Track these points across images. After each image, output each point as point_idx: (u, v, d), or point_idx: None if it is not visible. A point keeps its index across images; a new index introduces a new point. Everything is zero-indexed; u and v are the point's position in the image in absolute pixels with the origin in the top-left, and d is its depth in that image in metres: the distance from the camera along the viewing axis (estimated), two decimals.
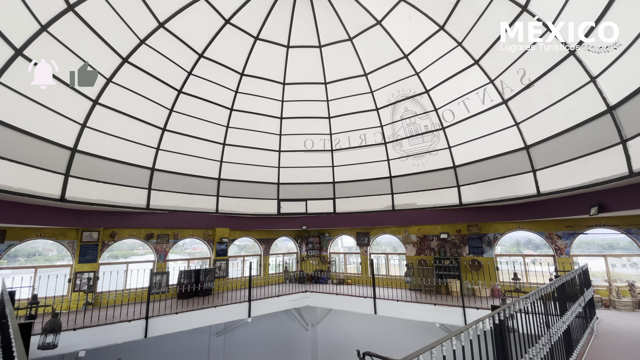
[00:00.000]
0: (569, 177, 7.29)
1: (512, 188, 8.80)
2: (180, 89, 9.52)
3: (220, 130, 10.86)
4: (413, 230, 12.85)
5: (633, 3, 5.02)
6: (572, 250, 10.00)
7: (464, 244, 11.73)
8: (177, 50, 8.80)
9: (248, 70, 10.31)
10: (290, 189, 12.24)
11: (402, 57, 9.75)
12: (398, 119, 10.92)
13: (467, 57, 8.67)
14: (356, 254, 14.42)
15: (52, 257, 10.29)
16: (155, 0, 7.59)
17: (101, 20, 7.04)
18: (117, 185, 8.77)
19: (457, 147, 9.99)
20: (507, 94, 8.31)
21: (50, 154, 7.31)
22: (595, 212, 7.40)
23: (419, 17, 8.60)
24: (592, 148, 6.64)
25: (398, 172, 11.33)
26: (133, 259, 11.62)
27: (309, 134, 11.92)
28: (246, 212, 11.69)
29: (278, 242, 15.36)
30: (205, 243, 12.60)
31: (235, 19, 8.93)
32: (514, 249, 11.73)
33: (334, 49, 10.16)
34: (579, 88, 6.57)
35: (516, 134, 8.46)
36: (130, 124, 8.79)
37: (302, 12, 9.22)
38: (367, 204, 11.80)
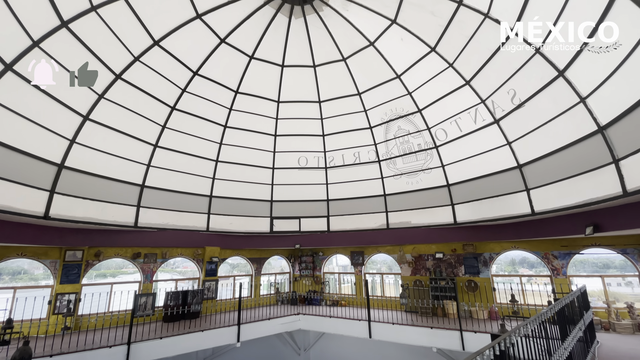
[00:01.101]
0: (563, 197, 7.26)
1: (506, 207, 8.75)
2: (174, 106, 9.48)
3: (213, 147, 10.77)
4: (408, 249, 12.65)
5: (622, 26, 5.14)
6: (568, 270, 9.87)
7: (460, 264, 11.54)
8: (172, 68, 8.82)
9: (243, 88, 10.35)
10: (284, 206, 12.06)
11: (395, 77, 9.89)
12: (391, 138, 10.96)
13: (459, 78, 8.82)
14: (350, 274, 14.09)
15: (38, 275, 9.87)
16: (151, 19, 7.66)
17: (95, 37, 7.04)
18: (104, 202, 8.53)
19: (451, 166, 10.00)
20: (499, 113, 8.41)
21: (36, 170, 7.10)
22: (590, 231, 7.34)
23: (411, 39, 8.79)
24: (585, 167, 6.65)
25: (392, 190, 11.26)
26: (121, 278, 11.19)
27: (303, 152, 11.88)
28: (238, 230, 11.42)
29: (271, 260, 14.99)
30: (194, 262, 12.21)
31: (231, 38, 9.03)
32: (510, 268, 11.56)
33: (328, 69, 10.29)
34: (569, 108, 6.66)
35: (509, 153, 8.49)
36: (121, 140, 8.66)
37: (296, 33, 9.38)
38: (362, 222, 11.64)
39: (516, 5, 6.48)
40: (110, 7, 6.88)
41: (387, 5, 8.22)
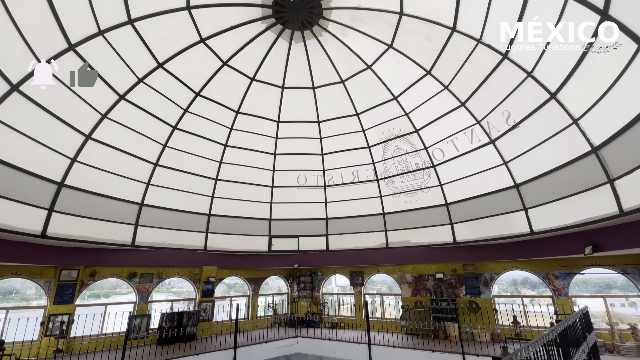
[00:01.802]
0: (560, 216, 7.30)
1: (505, 226, 8.76)
2: (175, 126, 9.64)
3: (213, 165, 10.86)
4: (408, 269, 12.51)
5: (611, 52, 5.36)
6: (570, 290, 9.75)
7: (461, 284, 11.39)
8: (175, 89, 9.04)
9: (244, 109, 10.56)
10: (282, 225, 12.01)
11: (392, 99, 10.14)
12: (389, 157, 11.10)
13: (454, 100, 9.05)
14: (350, 295, 13.84)
15: (30, 295, 9.65)
16: (156, 43, 7.92)
17: (101, 60, 7.25)
18: (102, 220, 8.49)
19: (449, 185, 10.08)
20: (494, 134, 8.58)
21: (36, 188, 7.12)
22: (589, 251, 7.33)
23: (407, 63, 9.09)
24: (581, 187, 6.73)
25: (391, 208, 11.27)
26: (114, 298, 10.95)
27: (302, 170, 11.97)
28: (236, 249, 11.31)
29: (269, 280, 14.74)
30: (191, 282, 12.01)
31: (233, 61, 9.31)
32: (511, 289, 11.41)
33: (327, 90, 10.56)
34: (563, 129, 6.82)
35: (505, 172, 8.60)
36: (122, 159, 8.74)
37: (296, 56, 9.69)
38: (361, 241, 11.57)
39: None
40: (117, 31, 7.14)
41: (384, 31, 8.55)
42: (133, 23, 7.20)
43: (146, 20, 7.31)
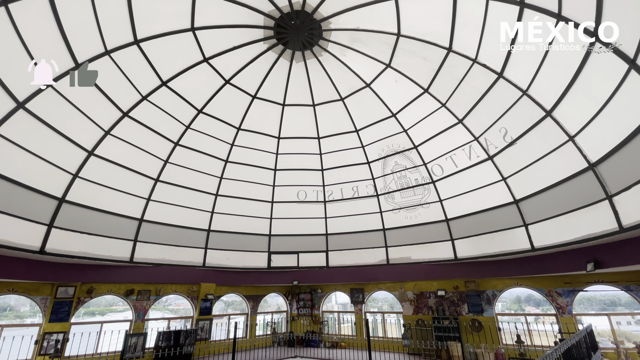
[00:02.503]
0: (561, 232, 7.29)
1: (506, 242, 8.72)
2: (177, 142, 9.76)
3: (213, 181, 10.91)
4: (409, 286, 12.34)
5: (604, 72, 5.50)
6: (574, 308, 9.59)
7: (463, 302, 11.21)
8: (177, 106, 9.20)
9: (245, 125, 10.72)
10: (282, 240, 11.94)
11: (391, 116, 10.31)
12: (389, 172, 11.16)
13: (452, 117, 9.21)
14: (350, 313, 13.58)
15: (24, 312, 9.48)
16: (161, 62, 8.13)
17: (106, 78, 7.43)
18: (101, 236, 8.47)
19: (448, 201, 10.10)
20: (492, 150, 8.68)
21: (37, 204, 7.15)
22: (591, 268, 7.27)
23: (405, 81, 9.31)
24: (580, 203, 6.76)
25: (391, 224, 11.24)
26: (110, 316, 10.75)
27: (302, 185, 12.02)
28: (235, 265, 11.20)
29: (268, 297, 14.50)
30: (188, 300, 11.82)
31: (235, 79, 9.53)
32: (515, 306, 11.22)
33: (327, 107, 10.75)
34: (559, 146, 6.91)
35: (504, 188, 8.64)
36: (123, 175, 8.80)
37: (297, 75, 9.92)
38: (361, 257, 11.47)
39: (502, 53, 6.97)
40: (123, 51, 7.35)
41: (382, 51, 8.80)
42: (139, 43, 7.43)
43: (152, 41, 7.55)
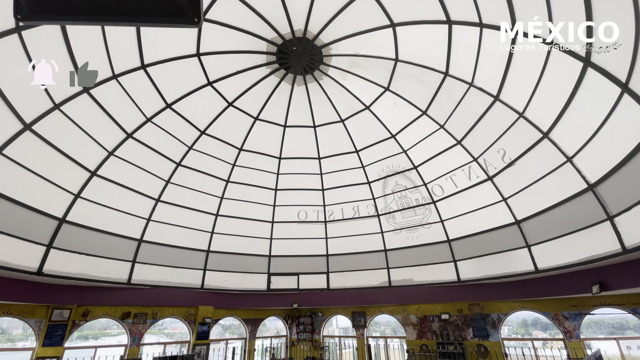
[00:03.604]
0: (564, 253, 7.21)
1: (509, 264, 8.61)
2: (180, 162, 9.86)
3: (214, 201, 10.93)
4: (412, 309, 12.04)
5: (597, 94, 5.64)
6: (581, 331, 9.31)
7: (467, 326, 10.89)
8: (181, 127, 9.37)
9: (247, 146, 10.86)
10: (282, 262, 11.79)
11: (390, 137, 10.47)
12: (389, 192, 11.19)
13: (450, 138, 9.35)
14: (352, 337, 13.17)
15: (16, 336, 9.21)
16: (166, 85, 8.37)
17: (112, 101, 7.63)
18: (100, 257, 8.40)
19: (450, 221, 10.06)
20: (492, 171, 8.75)
21: (37, 224, 7.14)
22: (597, 290, 7.14)
23: (404, 104, 9.53)
24: (582, 224, 6.74)
25: (393, 245, 11.14)
26: (103, 340, 10.43)
27: (302, 205, 12.01)
28: (233, 287, 11.00)
29: (267, 321, 14.11)
30: (185, 324, 11.50)
31: (238, 102, 9.76)
32: (522, 330, 10.89)
33: (327, 129, 10.93)
34: (558, 167, 6.97)
35: (505, 209, 8.63)
36: (124, 195, 8.83)
37: (298, 97, 10.17)
38: (362, 279, 11.28)
39: (497, 77, 7.18)
40: (130, 75, 7.59)
41: (381, 75, 9.07)
42: (146, 68, 7.68)
43: (158, 65, 7.81)
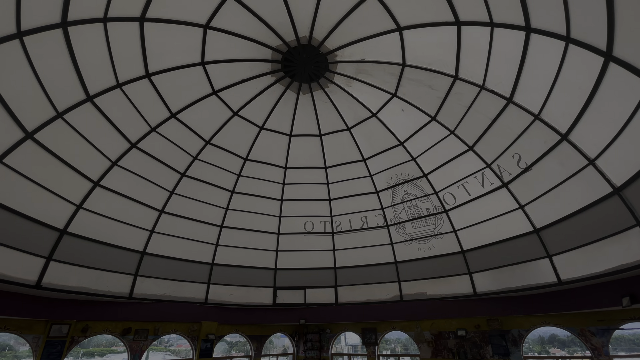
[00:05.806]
0: (590, 263, 6.72)
1: (528, 276, 8.09)
2: (184, 173, 9.70)
3: (219, 212, 10.68)
4: (426, 325, 11.41)
5: (619, 91, 5.31)
6: (610, 349, 8.61)
7: (486, 343, 10.22)
8: (185, 137, 9.26)
9: (252, 156, 10.69)
10: (288, 275, 11.37)
11: (398, 145, 10.20)
12: (399, 202, 10.82)
13: (462, 144, 9.03)
14: (362, 355, 12.51)
15: (23, 353, 8.93)
16: (171, 94, 8.30)
17: (116, 110, 7.55)
18: (101, 270, 8.15)
19: (463, 231, 9.61)
20: (506, 177, 8.36)
21: (37, 236, 6.95)
22: (627, 302, 6.60)
23: (412, 110, 9.30)
24: (608, 231, 6.28)
25: (403, 257, 10.67)
26: (110, 358, 10.04)
27: (309, 216, 11.68)
28: (238, 302, 10.59)
29: (273, 338, 13.55)
30: (188, 340, 11.05)
31: (243, 111, 9.65)
32: (539, 348, 10.18)
33: (334, 137, 10.73)
34: (579, 171, 6.58)
35: (523, 217, 8.19)
36: (127, 206, 8.65)
37: (304, 106, 10.04)
38: (372, 293, 10.78)
39: (510, 77, 6.91)
40: (135, 84, 7.53)
41: (387, 81, 8.90)
42: (150, 77, 7.63)
43: (162, 74, 7.75)
